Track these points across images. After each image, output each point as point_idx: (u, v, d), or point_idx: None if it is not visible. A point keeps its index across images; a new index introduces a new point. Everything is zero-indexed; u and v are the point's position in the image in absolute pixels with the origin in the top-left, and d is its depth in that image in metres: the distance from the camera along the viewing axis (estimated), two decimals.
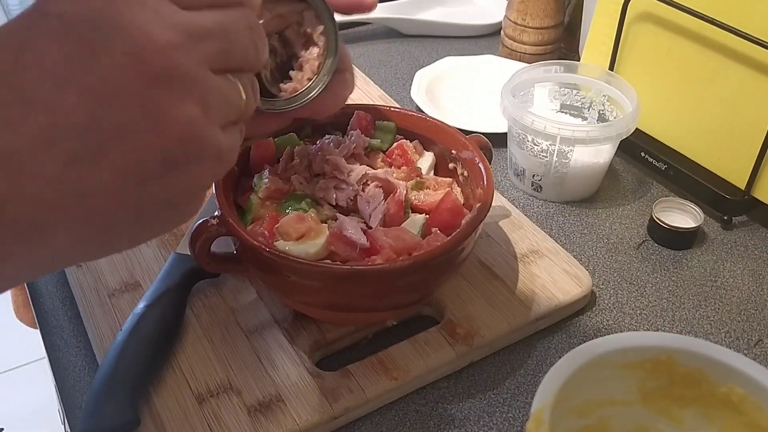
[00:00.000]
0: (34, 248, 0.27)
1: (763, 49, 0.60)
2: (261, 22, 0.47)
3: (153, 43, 0.27)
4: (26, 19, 0.27)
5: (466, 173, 0.56)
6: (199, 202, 0.33)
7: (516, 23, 0.89)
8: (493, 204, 0.63)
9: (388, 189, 0.55)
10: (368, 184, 0.55)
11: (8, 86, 0.26)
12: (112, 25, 0.27)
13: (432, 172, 0.59)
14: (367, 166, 0.56)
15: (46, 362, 0.56)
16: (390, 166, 0.57)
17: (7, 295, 1.25)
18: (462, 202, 0.55)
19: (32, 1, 0.29)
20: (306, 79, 0.51)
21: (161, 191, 0.29)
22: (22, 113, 0.26)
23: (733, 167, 0.67)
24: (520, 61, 0.89)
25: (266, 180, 0.54)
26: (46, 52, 0.26)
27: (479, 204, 0.51)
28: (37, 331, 0.58)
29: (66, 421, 0.53)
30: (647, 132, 0.73)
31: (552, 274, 0.58)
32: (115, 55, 0.27)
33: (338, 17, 0.96)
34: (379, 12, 0.99)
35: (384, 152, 0.59)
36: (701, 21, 0.64)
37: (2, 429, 1.18)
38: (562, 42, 0.92)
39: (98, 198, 0.28)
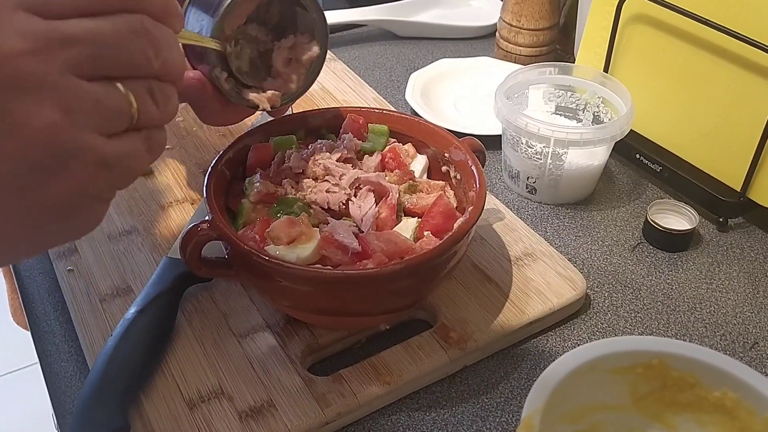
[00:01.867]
0: None
1: (757, 49, 0.59)
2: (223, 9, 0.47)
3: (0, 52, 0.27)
4: None
5: (458, 176, 0.56)
6: (99, 210, 0.32)
7: (511, 25, 0.88)
8: (487, 207, 0.63)
9: (380, 193, 0.54)
10: (360, 188, 0.55)
11: None
12: None
13: (425, 175, 0.59)
14: (359, 169, 0.56)
15: None
16: (383, 170, 0.57)
17: (4, 298, 1.25)
18: (455, 205, 0.55)
19: None
20: (290, 80, 0.52)
21: (42, 198, 0.29)
22: None
23: (728, 169, 0.66)
24: (515, 62, 0.89)
25: (257, 184, 0.53)
26: None
27: (471, 207, 0.51)
28: None
29: (58, 426, 0.53)
30: (642, 134, 0.73)
31: (546, 277, 0.58)
32: None
33: (334, 19, 0.97)
34: (374, 14, 0.99)
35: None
36: (695, 22, 0.63)
37: None
38: (558, 44, 0.92)
39: None
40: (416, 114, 0.78)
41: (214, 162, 0.54)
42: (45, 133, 0.28)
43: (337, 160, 0.56)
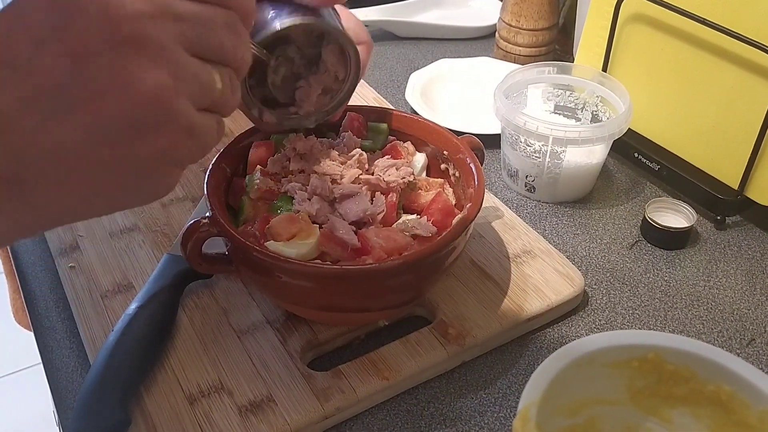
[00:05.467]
0: (19, 204, 0.30)
1: (755, 49, 0.60)
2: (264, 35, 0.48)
3: (124, 10, 0.29)
4: None
5: (457, 174, 0.57)
6: (174, 177, 0.35)
7: (510, 25, 0.89)
8: (486, 205, 0.63)
9: (381, 192, 0.55)
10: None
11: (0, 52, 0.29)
12: None
13: (424, 173, 0.59)
14: (360, 168, 0.56)
15: None
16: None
17: (6, 299, 1.25)
18: (454, 202, 0.56)
19: None
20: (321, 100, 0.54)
21: (131, 155, 0.31)
22: (8, 76, 0.29)
23: (726, 167, 0.67)
24: (514, 62, 0.89)
25: (258, 181, 0.54)
26: (33, 20, 0.29)
27: (470, 204, 0.52)
28: None
29: (59, 422, 0.53)
30: (640, 132, 0.73)
31: (544, 275, 0.58)
32: (88, 20, 0.29)
33: None
34: (375, 14, 1.00)
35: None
36: (693, 22, 0.64)
37: None
38: (557, 43, 0.93)
39: (69, 155, 0.30)
40: (416, 113, 0.78)
41: (215, 159, 0.54)
42: (153, 92, 0.30)
43: (337, 158, 0.56)
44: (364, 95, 0.82)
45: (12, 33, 0.29)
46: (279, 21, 0.47)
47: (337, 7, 0.51)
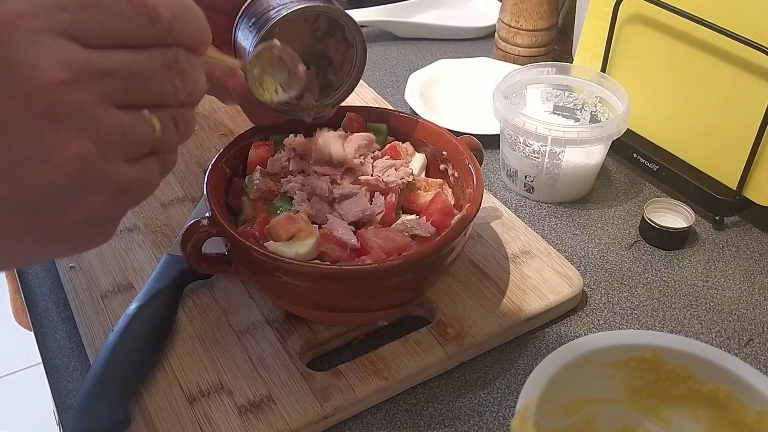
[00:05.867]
0: None
1: (753, 49, 0.60)
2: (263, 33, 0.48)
3: (39, 80, 0.28)
4: None
5: (456, 174, 0.57)
6: (107, 231, 0.33)
7: (509, 26, 0.89)
8: (485, 205, 0.63)
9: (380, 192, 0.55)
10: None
11: None
12: (1, 63, 0.27)
13: (423, 173, 0.59)
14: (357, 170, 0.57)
15: None
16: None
17: (6, 299, 1.25)
18: (453, 202, 0.56)
19: None
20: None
21: (59, 221, 0.30)
22: None
23: (724, 168, 0.67)
24: (513, 63, 0.89)
25: (257, 181, 0.54)
26: None
27: (469, 204, 0.52)
28: None
29: (59, 422, 0.53)
30: (639, 133, 0.73)
31: (543, 275, 0.59)
32: (1, 93, 0.27)
33: None
34: (374, 15, 1.00)
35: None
36: (692, 22, 0.64)
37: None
38: (556, 44, 0.93)
39: None
40: (415, 114, 0.79)
41: (214, 159, 0.54)
42: (74, 162, 0.29)
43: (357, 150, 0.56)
44: (364, 96, 0.82)
45: None
46: (275, 12, 0.47)
47: None
